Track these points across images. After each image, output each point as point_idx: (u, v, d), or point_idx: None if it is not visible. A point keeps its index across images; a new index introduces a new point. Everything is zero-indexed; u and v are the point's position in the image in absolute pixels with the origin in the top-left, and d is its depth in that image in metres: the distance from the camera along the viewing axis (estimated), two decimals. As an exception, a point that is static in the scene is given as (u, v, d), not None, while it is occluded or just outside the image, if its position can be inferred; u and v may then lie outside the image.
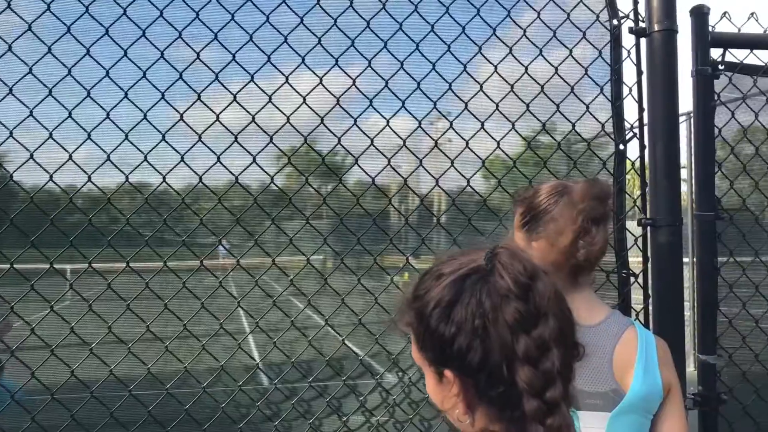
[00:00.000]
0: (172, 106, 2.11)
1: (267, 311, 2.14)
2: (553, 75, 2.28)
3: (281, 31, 2.19)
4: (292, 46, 2.19)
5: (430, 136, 2.26)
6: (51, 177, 2.03)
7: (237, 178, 2.14)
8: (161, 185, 2.13)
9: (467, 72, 2.23)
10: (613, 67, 2.34)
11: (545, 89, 2.30)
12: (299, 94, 2.16)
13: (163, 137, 2.11)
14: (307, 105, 2.13)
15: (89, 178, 2.06)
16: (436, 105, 2.23)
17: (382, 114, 2.22)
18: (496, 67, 2.26)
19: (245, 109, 2.12)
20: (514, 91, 2.25)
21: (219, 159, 2.12)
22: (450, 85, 2.23)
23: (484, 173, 2.38)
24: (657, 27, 2.21)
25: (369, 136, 2.21)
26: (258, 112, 2.14)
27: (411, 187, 2.40)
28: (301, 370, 2.17)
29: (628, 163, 2.36)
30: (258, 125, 2.13)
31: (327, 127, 2.16)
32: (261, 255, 2.23)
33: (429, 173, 2.30)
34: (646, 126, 2.26)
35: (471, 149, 2.29)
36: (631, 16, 2.31)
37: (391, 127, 2.21)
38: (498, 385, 0.88)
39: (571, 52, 2.30)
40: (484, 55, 2.24)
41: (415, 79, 2.21)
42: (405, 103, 2.23)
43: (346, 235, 2.30)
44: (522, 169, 2.37)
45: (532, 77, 2.27)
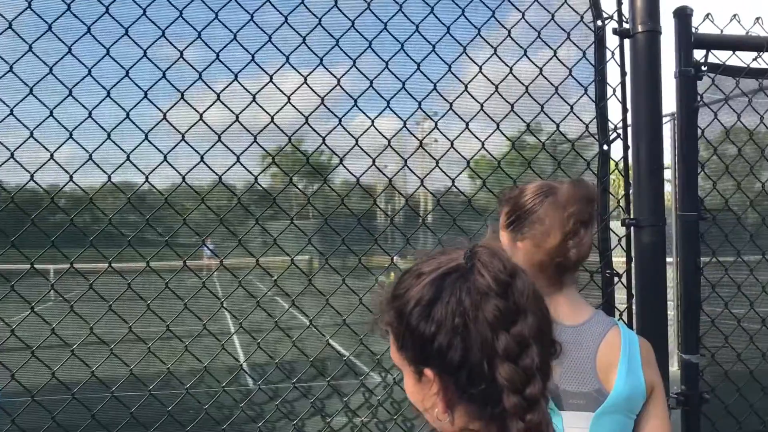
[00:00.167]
0: (155, 105, 2.09)
1: (251, 312, 2.13)
2: (538, 76, 2.28)
3: (266, 30, 2.18)
4: (276, 45, 2.18)
5: (415, 136, 2.26)
6: (32, 176, 2.01)
7: (220, 177, 2.13)
8: (145, 185, 2.12)
9: (452, 72, 2.23)
10: (597, 68, 2.35)
11: (531, 90, 2.31)
12: (284, 93, 2.15)
13: (146, 137, 2.09)
14: (292, 105, 2.12)
15: (71, 177, 2.04)
16: (420, 105, 2.23)
17: (367, 114, 2.22)
18: (480, 68, 2.26)
19: (229, 109, 2.11)
20: (498, 92, 2.25)
21: (202, 158, 2.10)
22: (435, 86, 2.23)
23: (470, 173, 2.38)
24: (641, 28, 2.21)
25: (355, 135, 2.21)
26: (242, 111, 2.13)
27: (396, 188, 2.40)
28: (285, 370, 2.16)
29: (612, 164, 2.37)
30: (242, 125, 2.12)
31: (312, 127, 2.16)
32: (246, 255, 2.22)
33: (414, 173, 2.30)
34: (629, 127, 2.28)
35: (456, 149, 2.29)
36: (615, 17, 2.32)
37: (376, 127, 2.20)
38: (479, 383, 0.88)
39: (556, 52, 2.30)
40: (468, 56, 2.24)
41: (400, 79, 2.20)
42: (391, 103, 2.23)
43: (331, 235, 2.29)
44: (508, 170, 2.37)
45: (516, 78, 2.27)
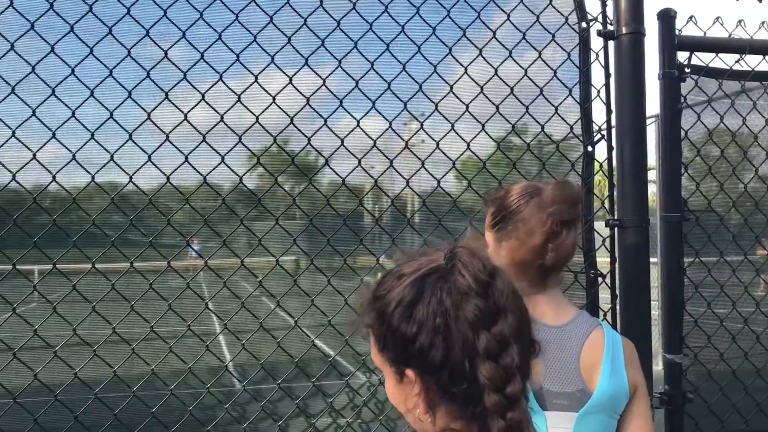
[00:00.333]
0: (139, 105, 2.08)
1: (235, 313, 2.12)
2: (523, 77, 2.29)
3: (251, 30, 2.17)
4: (261, 45, 2.17)
5: (400, 136, 2.26)
6: (14, 176, 2.00)
7: (205, 178, 2.12)
8: (129, 185, 2.10)
9: (437, 73, 2.23)
10: (582, 70, 2.36)
11: (518, 91, 2.32)
12: (269, 93, 2.14)
13: (130, 136, 2.08)
14: (277, 105, 2.12)
15: (54, 178, 2.03)
16: (406, 106, 2.23)
17: (352, 115, 2.22)
18: (466, 69, 2.26)
19: (214, 109, 2.10)
20: (484, 93, 2.26)
21: (187, 159, 2.09)
22: (420, 86, 2.23)
23: (457, 174, 2.39)
24: (625, 30, 2.23)
25: (343, 136, 2.20)
26: (227, 111, 2.12)
27: (382, 188, 2.40)
28: (270, 371, 2.15)
29: (596, 165, 2.38)
30: (227, 125, 2.11)
31: (297, 128, 2.15)
32: (232, 256, 2.21)
33: (400, 174, 2.30)
34: (614, 128, 2.29)
35: (441, 150, 2.29)
36: (600, 19, 2.34)
37: (362, 128, 2.20)
38: (460, 382, 0.89)
39: (540, 54, 2.31)
40: (453, 57, 2.24)
41: (386, 80, 2.20)
42: (380, 104, 2.23)
43: (318, 236, 2.29)
44: (495, 170, 2.38)
45: (501, 79, 2.28)
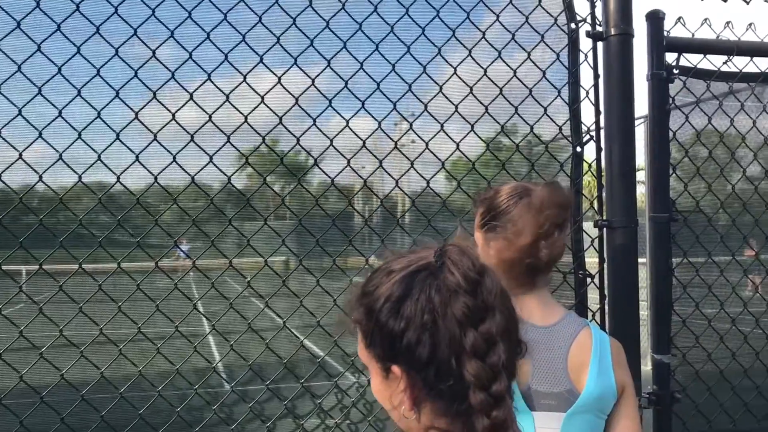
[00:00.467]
0: (126, 104, 2.06)
1: (224, 314, 2.11)
2: (512, 77, 2.29)
3: (241, 29, 2.16)
4: (250, 45, 2.16)
5: (389, 137, 2.26)
6: (0, 176, 1.98)
7: (193, 178, 2.11)
8: (119, 186, 2.09)
9: (426, 73, 2.23)
10: (571, 71, 2.37)
11: (509, 91, 2.32)
12: (257, 93, 2.13)
13: (117, 136, 2.06)
14: (265, 104, 2.11)
15: (40, 177, 2.02)
16: (395, 106, 2.22)
17: (341, 115, 2.21)
18: (455, 69, 2.26)
19: (202, 109, 2.09)
20: (473, 93, 2.26)
21: (174, 158, 2.08)
22: (410, 87, 2.23)
23: (447, 174, 2.39)
24: (613, 31, 2.23)
25: (333, 136, 2.20)
26: (215, 111, 2.11)
27: (372, 188, 2.39)
28: (258, 372, 2.15)
29: (585, 165, 2.39)
30: (215, 125, 2.10)
31: (285, 128, 2.15)
32: (222, 256, 2.20)
33: (389, 174, 2.30)
34: (602, 129, 2.29)
35: (431, 150, 2.29)
36: (589, 20, 2.34)
37: (351, 128, 2.20)
38: (446, 379, 0.89)
39: (530, 54, 2.32)
40: (443, 57, 2.24)
41: (375, 80, 2.20)
42: (372, 104, 2.23)
43: (308, 236, 2.28)
44: (485, 171, 2.38)
45: (491, 79, 2.28)
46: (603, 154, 2.29)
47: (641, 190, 3.15)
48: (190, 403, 2.09)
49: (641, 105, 2.33)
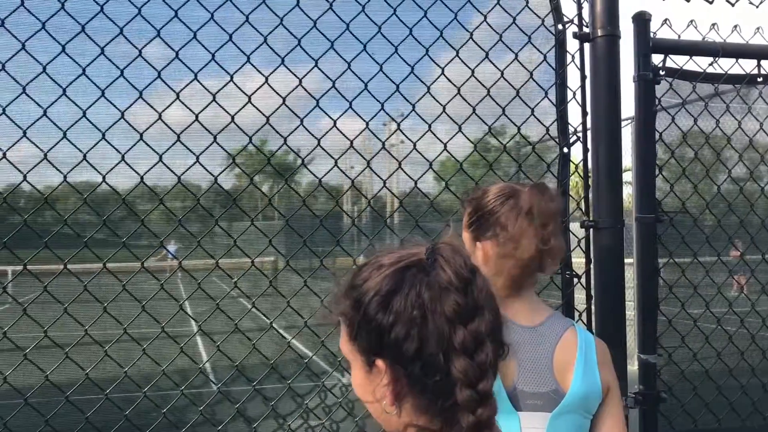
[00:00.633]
0: (112, 103, 2.05)
1: (210, 314, 2.10)
2: (499, 78, 2.29)
3: (230, 27, 2.15)
4: (237, 44, 2.15)
5: (377, 137, 2.25)
6: (-16, 176, 1.97)
7: (179, 178, 2.09)
8: (111, 186, 2.08)
9: (414, 74, 2.23)
10: (558, 72, 2.38)
11: (498, 92, 2.32)
12: (244, 93, 2.12)
13: (103, 136, 2.05)
14: (252, 104, 2.10)
15: (24, 177, 2.00)
16: (383, 106, 2.22)
17: (329, 115, 2.21)
18: (443, 70, 2.27)
19: (189, 108, 2.08)
20: (461, 94, 2.26)
21: (161, 158, 2.07)
22: (397, 87, 2.22)
23: (436, 175, 2.39)
24: (600, 32, 2.24)
25: (321, 136, 2.19)
26: (202, 111, 2.09)
27: (361, 188, 2.39)
28: (244, 373, 2.14)
29: (572, 166, 2.40)
30: (202, 124, 2.09)
31: (273, 128, 2.14)
32: (214, 256, 2.19)
33: (377, 175, 2.30)
34: (589, 130, 2.30)
35: (418, 151, 2.29)
36: (576, 21, 2.35)
37: (338, 128, 2.19)
38: (433, 374, 0.89)
39: (517, 55, 2.32)
40: (430, 57, 2.24)
41: (363, 80, 2.20)
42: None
43: (298, 237, 2.27)
44: (475, 171, 2.38)
45: (478, 80, 2.28)
46: (590, 154, 2.30)
47: (628, 190, 3.16)
48: (175, 404, 2.08)
49: (628, 106, 2.35)
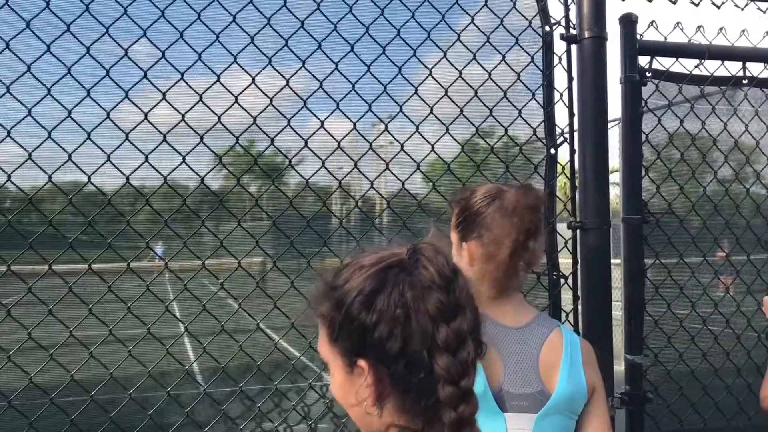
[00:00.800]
0: (97, 103, 2.03)
1: (196, 315, 2.09)
2: (486, 80, 2.30)
3: (218, 26, 2.14)
4: (224, 44, 2.14)
5: (365, 138, 2.25)
6: (-32, 177, 1.95)
7: (165, 178, 2.08)
8: (96, 187, 2.06)
9: (402, 75, 2.23)
10: (545, 73, 2.38)
11: (487, 94, 2.32)
12: (231, 93, 2.12)
13: (89, 136, 2.03)
14: (239, 104, 2.09)
15: (9, 177, 1.98)
16: (371, 107, 2.22)
17: (317, 116, 2.20)
18: (430, 71, 2.27)
19: (174, 108, 2.06)
20: (448, 95, 2.26)
21: (147, 159, 2.06)
22: (385, 88, 2.22)
23: (424, 176, 2.39)
24: (587, 34, 2.25)
25: (308, 137, 2.18)
26: (188, 110, 2.08)
27: (350, 189, 2.39)
28: (232, 374, 2.13)
29: (558, 167, 2.41)
30: (188, 124, 2.08)
31: (259, 128, 2.13)
32: (202, 257, 2.18)
33: (364, 176, 2.29)
34: (576, 131, 2.31)
35: (405, 152, 2.29)
36: (563, 23, 2.36)
37: (326, 129, 2.19)
38: (417, 372, 0.90)
39: (504, 57, 2.32)
40: (418, 58, 2.25)
41: (350, 81, 2.19)
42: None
43: (289, 237, 2.27)
44: (463, 172, 2.38)
45: (466, 81, 2.28)
46: (576, 156, 2.31)
47: (616, 191, 3.17)
48: (161, 406, 2.07)
49: (614, 107, 2.36)
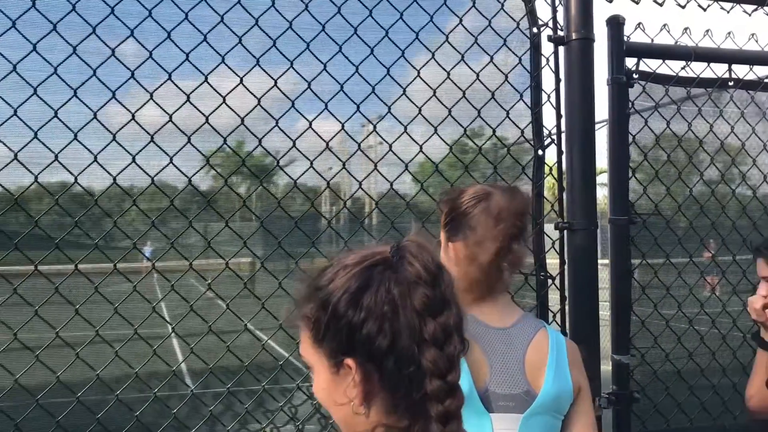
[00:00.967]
0: (84, 103, 2.02)
1: (184, 316, 2.09)
2: (475, 81, 2.30)
3: (206, 25, 2.13)
4: (212, 44, 2.13)
5: (353, 138, 2.25)
6: (-47, 176, 1.94)
7: (153, 179, 2.08)
8: (83, 187, 2.05)
9: (390, 75, 2.24)
10: (533, 74, 2.39)
11: (475, 95, 2.33)
12: (219, 94, 2.11)
13: (75, 136, 2.02)
14: (227, 105, 2.09)
15: (-5, 177, 1.97)
16: (359, 108, 2.22)
17: (305, 116, 2.20)
18: (418, 72, 2.27)
19: (162, 108, 2.06)
20: (436, 96, 2.27)
21: (134, 159, 2.05)
22: (373, 89, 2.22)
23: (416, 176, 2.39)
24: (574, 36, 2.26)
25: (296, 137, 2.18)
26: (176, 111, 2.08)
27: (339, 190, 2.39)
28: (220, 376, 2.13)
29: (546, 168, 2.42)
30: (175, 125, 2.07)
31: (247, 128, 2.12)
32: (190, 258, 2.17)
33: (353, 176, 2.30)
34: (563, 132, 2.32)
35: (394, 152, 2.29)
36: (550, 24, 2.37)
37: (314, 129, 2.19)
38: (407, 367, 0.91)
39: (492, 58, 2.33)
40: (406, 59, 2.25)
41: (338, 81, 2.19)
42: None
43: (276, 238, 2.27)
44: (452, 173, 2.39)
45: (454, 82, 2.29)
46: (564, 157, 2.32)
47: (603, 192, 3.19)
48: (147, 408, 2.06)
49: (602, 109, 2.37)
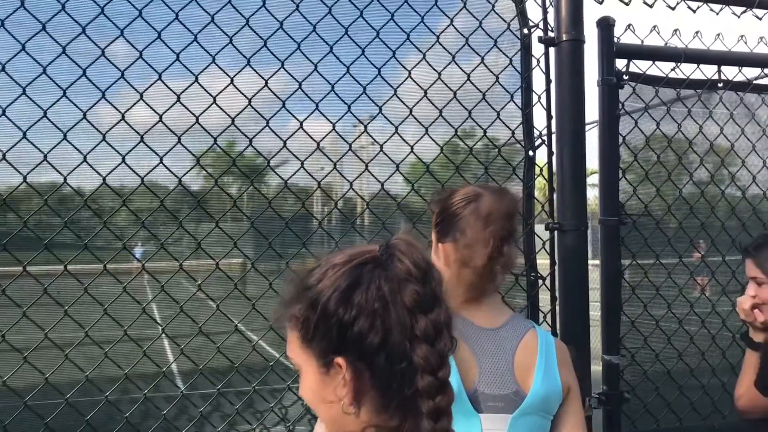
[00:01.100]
0: (73, 103, 2.01)
1: (173, 317, 2.08)
2: (465, 81, 2.31)
3: (197, 25, 2.12)
4: (203, 44, 2.13)
5: (344, 139, 2.25)
6: (-59, 176, 1.93)
7: (143, 179, 2.07)
8: (73, 188, 2.05)
9: (381, 76, 2.24)
10: (523, 75, 2.40)
11: (467, 95, 2.33)
12: (210, 94, 2.11)
13: (65, 136, 2.01)
14: (218, 105, 2.08)
15: (-16, 178, 1.97)
16: (350, 108, 2.22)
17: (296, 117, 2.20)
18: (410, 72, 2.27)
19: (152, 108, 2.05)
20: (427, 97, 2.27)
21: (124, 159, 2.04)
22: (364, 89, 2.23)
23: (407, 177, 2.40)
24: (565, 37, 2.27)
25: (287, 138, 2.18)
26: (166, 111, 2.07)
27: (330, 190, 2.39)
28: (210, 376, 2.12)
29: (537, 169, 2.42)
30: (166, 125, 2.07)
31: (238, 128, 2.12)
32: (180, 258, 2.16)
33: (344, 177, 2.30)
34: (554, 133, 2.33)
35: (385, 153, 2.30)
36: (541, 25, 2.37)
37: (305, 130, 2.19)
38: (399, 363, 0.91)
39: (483, 59, 2.33)
40: (397, 60, 2.25)
41: (329, 82, 2.19)
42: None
43: (267, 238, 2.26)
44: (444, 173, 2.39)
45: (445, 83, 2.29)
46: (554, 157, 2.33)
47: (594, 193, 3.20)
48: (139, 408, 2.05)
49: (592, 110, 2.38)
